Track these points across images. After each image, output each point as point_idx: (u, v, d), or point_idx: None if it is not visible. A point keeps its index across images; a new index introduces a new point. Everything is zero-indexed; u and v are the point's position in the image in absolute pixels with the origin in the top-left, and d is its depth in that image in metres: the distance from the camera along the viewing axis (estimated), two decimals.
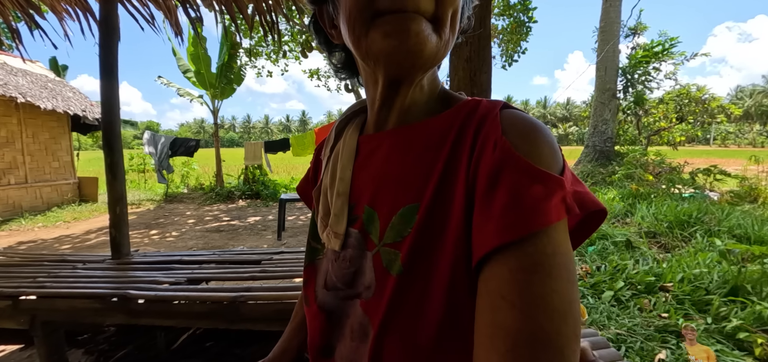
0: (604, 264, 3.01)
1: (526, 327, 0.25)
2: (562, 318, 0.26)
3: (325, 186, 0.45)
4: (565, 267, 0.27)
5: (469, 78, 2.14)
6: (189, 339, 1.82)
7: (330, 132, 0.49)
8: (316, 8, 0.42)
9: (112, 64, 2.12)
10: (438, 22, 0.34)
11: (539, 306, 0.26)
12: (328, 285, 0.42)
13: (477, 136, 0.33)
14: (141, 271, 1.82)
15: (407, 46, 0.32)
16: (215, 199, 8.07)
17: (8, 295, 1.56)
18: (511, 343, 0.25)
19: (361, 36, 0.34)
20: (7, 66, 7.00)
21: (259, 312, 1.45)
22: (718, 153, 26.21)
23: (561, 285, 0.27)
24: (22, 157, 6.80)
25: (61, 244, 4.73)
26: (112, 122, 2.14)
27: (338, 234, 0.41)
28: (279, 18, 2.81)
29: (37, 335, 1.58)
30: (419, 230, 0.33)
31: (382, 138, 0.40)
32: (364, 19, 0.33)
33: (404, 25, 0.32)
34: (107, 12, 2.10)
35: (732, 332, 2.02)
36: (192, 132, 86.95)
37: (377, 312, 0.35)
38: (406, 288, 0.33)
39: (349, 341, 0.39)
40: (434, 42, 0.34)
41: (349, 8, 0.34)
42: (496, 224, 0.28)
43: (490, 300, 0.27)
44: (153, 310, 1.48)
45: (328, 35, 0.42)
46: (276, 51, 9.17)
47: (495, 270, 0.28)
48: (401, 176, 0.37)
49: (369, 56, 0.35)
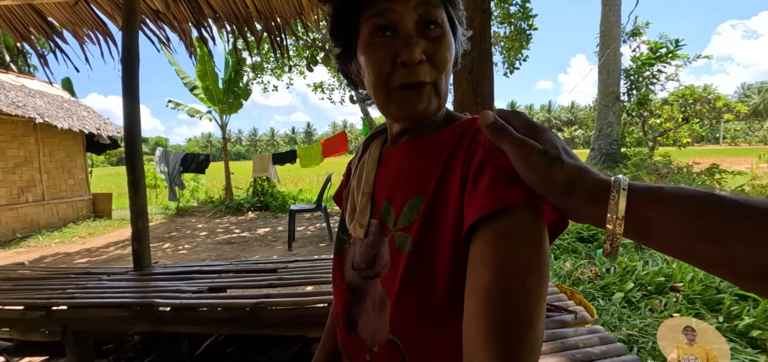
0: (613, 266, 3.02)
1: (496, 282, 0.32)
2: (525, 273, 0.32)
3: (352, 188, 0.56)
4: (531, 236, 0.34)
5: (472, 89, 2.21)
6: (211, 345, 1.89)
7: (358, 147, 0.60)
8: (342, 67, 0.54)
9: (134, 87, 2.24)
10: (436, 86, 0.44)
11: (505, 264, 0.32)
12: (355, 266, 0.51)
13: (472, 142, 0.42)
14: (163, 281, 1.90)
15: (417, 112, 0.44)
16: (225, 212, 8.19)
17: (42, 306, 1.65)
18: (484, 295, 0.32)
19: (384, 104, 0.46)
20: (26, 88, 7.28)
21: (278, 317, 1.51)
22: (727, 152, 25.78)
23: (525, 249, 0.33)
24: (40, 175, 7.02)
25: (81, 258, 4.86)
26: (133, 141, 2.25)
27: (362, 225, 0.50)
28: (287, 36, 2.94)
29: (68, 344, 1.65)
30: (424, 215, 0.42)
31: (398, 148, 0.51)
32: (385, 92, 0.45)
33: (414, 99, 0.44)
34: (129, 38, 2.23)
35: (744, 330, 2.02)
36: (200, 146, 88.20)
37: (393, 285, 0.43)
38: (416, 263, 0.41)
39: (372, 313, 0.47)
40: (436, 103, 0.45)
41: (373, 83, 0.45)
42: (477, 203, 0.35)
43: (473, 264, 0.35)
44: (178, 318, 1.56)
45: (355, 82, 0.54)
46: (280, 67, 9.38)
47: (477, 241, 0.35)
48: (411, 176, 0.47)
49: (391, 117, 0.48)
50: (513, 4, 7.83)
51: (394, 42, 0.43)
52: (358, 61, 0.47)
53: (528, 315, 0.31)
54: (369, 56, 0.44)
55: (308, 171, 11.03)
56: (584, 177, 0.34)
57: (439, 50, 0.43)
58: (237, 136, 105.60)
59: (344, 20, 0.46)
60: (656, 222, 0.31)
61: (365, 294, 0.49)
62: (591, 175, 0.35)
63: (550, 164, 0.34)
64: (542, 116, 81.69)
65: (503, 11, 7.92)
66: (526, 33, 8.17)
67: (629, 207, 0.32)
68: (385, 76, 0.44)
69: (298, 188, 10.81)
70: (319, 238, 5.42)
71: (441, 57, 0.43)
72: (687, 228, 0.30)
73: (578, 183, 0.34)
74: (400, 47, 0.42)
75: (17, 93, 6.74)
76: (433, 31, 0.43)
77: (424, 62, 0.42)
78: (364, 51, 0.45)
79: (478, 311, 0.32)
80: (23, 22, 2.84)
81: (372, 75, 0.44)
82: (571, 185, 0.34)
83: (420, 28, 0.43)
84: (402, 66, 0.42)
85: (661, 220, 0.31)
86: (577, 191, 0.34)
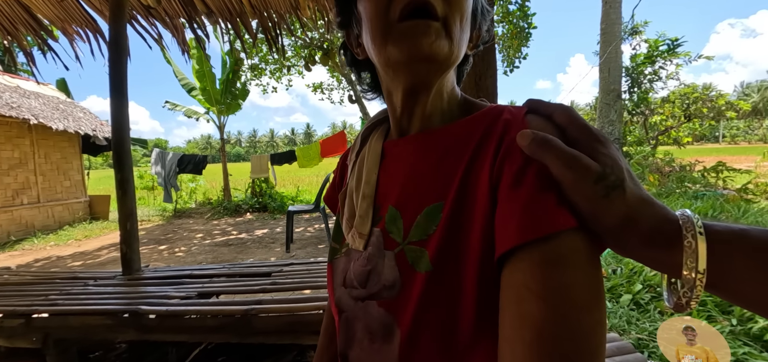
0: (619, 267, 2.94)
1: (551, 316, 0.26)
2: (587, 308, 0.26)
3: (350, 189, 0.46)
4: (589, 260, 0.28)
5: (474, 83, 2.13)
6: (200, 354, 1.80)
7: (356, 139, 0.51)
8: (343, 32, 0.46)
9: (122, 83, 2.16)
10: (447, 25, 0.36)
11: (563, 296, 0.26)
12: (347, 283, 0.43)
13: (502, 139, 0.33)
14: (152, 286, 1.82)
15: (421, 51, 0.35)
16: (223, 213, 8.11)
17: (21, 313, 1.57)
18: (536, 332, 0.26)
19: (381, 48, 0.37)
20: (21, 89, 7.20)
21: (271, 325, 1.43)
22: (728, 150, 25.77)
23: (584, 277, 0.27)
24: (35, 177, 6.94)
25: (75, 261, 4.77)
26: (122, 140, 2.17)
27: (363, 235, 0.42)
28: (283, 32, 2.86)
29: (49, 353, 1.57)
30: (446, 227, 0.34)
31: (407, 142, 0.42)
32: (382, 30, 0.36)
33: (417, 32, 0.34)
34: (116, 32, 2.15)
35: (759, 333, 1.94)
36: (199, 148, 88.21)
37: (405, 310, 0.35)
38: (437, 285, 0.33)
39: (368, 343, 0.38)
40: (446, 46, 0.35)
41: (369, 22, 0.37)
42: (519, 221, 0.28)
43: (516, 291, 0.28)
44: (164, 325, 1.47)
45: (355, 54, 0.45)
46: (279, 68, 9.31)
47: (519, 263, 0.28)
48: (426, 177, 0.38)
49: (389, 65, 0.38)
50: (511, 3, 7.77)
51: None
52: (358, 15, 0.40)
53: (591, 360, 0.25)
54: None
55: (307, 171, 10.96)
56: (646, 208, 0.28)
57: None
58: (236, 138, 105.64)
59: None
60: (742, 274, 0.25)
61: (355, 319, 0.40)
62: (654, 206, 0.28)
63: (609, 193, 0.27)
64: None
65: (502, 9, 7.85)
66: (525, 31, 8.10)
67: (710, 256, 0.25)
68: (383, 7, 0.36)
69: (297, 188, 10.73)
70: (317, 239, 5.34)
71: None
72: None
73: (639, 217, 0.28)
74: None
75: (11, 94, 6.66)
76: None
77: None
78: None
79: (526, 354, 0.26)
80: (10, 18, 2.76)
81: (369, 11, 0.37)
82: (631, 220, 0.28)
83: None
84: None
85: (749, 272, 0.24)
86: (638, 228, 0.27)
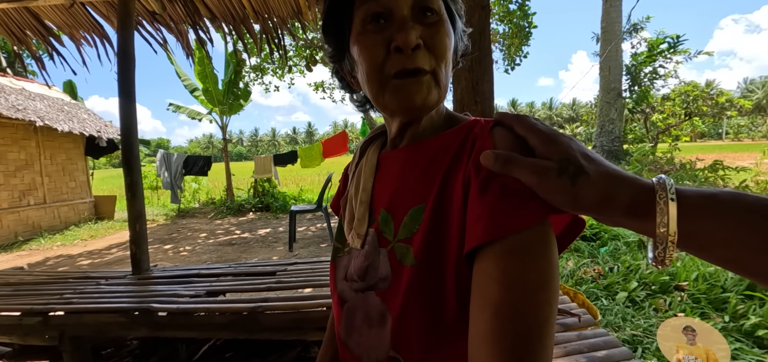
0: (616, 265, 2.99)
1: (507, 296, 0.30)
2: (536, 289, 0.31)
3: (350, 196, 0.53)
4: (542, 249, 0.32)
5: (471, 87, 2.18)
6: (209, 350, 1.87)
7: (355, 151, 0.57)
8: (336, 66, 0.50)
9: (130, 88, 2.22)
10: (436, 76, 0.41)
11: (517, 280, 0.31)
12: (348, 277, 0.49)
13: (473, 148, 0.39)
14: (161, 285, 1.88)
15: (414, 103, 0.41)
16: (226, 213, 8.19)
17: (38, 311, 1.63)
18: (495, 311, 0.30)
19: (377, 95, 0.42)
20: (27, 91, 7.29)
21: (277, 321, 1.49)
22: (731, 147, 25.62)
23: (536, 264, 0.32)
24: (41, 178, 7.04)
25: (83, 260, 4.86)
26: (130, 143, 2.23)
27: (360, 235, 0.48)
28: (284, 35, 2.92)
29: (65, 350, 1.64)
30: (427, 227, 0.39)
31: (397, 154, 0.48)
32: (378, 82, 0.41)
33: (411, 90, 0.40)
34: (124, 40, 2.21)
35: (751, 330, 1.99)
36: (201, 147, 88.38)
37: (395, 300, 0.41)
38: (420, 277, 0.39)
39: (365, 329, 0.45)
40: (436, 94, 0.42)
41: (366, 73, 0.42)
42: (485, 224, 0.33)
43: (481, 278, 0.33)
44: (175, 323, 1.54)
45: (349, 83, 0.50)
46: (282, 67, 9.37)
47: (485, 255, 0.33)
48: (412, 183, 0.44)
49: (386, 109, 0.44)
50: (512, 3, 7.78)
51: (389, 28, 0.40)
52: (351, 56, 0.44)
53: (539, 333, 0.30)
54: (362, 44, 0.41)
55: (309, 171, 11.01)
56: (619, 185, 0.31)
57: (436, 35, 0.40)
58: (238, 137, 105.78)
59: (337, 13, 0.44)
60: (711, 234, 0.28)
61: (355, 310, 0.47)
62: (627, 181, 0.31)
63: (574, 180, 0.31)
64: (544, 113, 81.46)
65: (502, 9, 7.87)
66: (525, 30, 8.12)
67: (681, 218, 0.29)
68: (379, 63, 0.41)
69: (299, 188, 10.80)
70: (320, 239, 5.41)
71: (439, 43, 0.41)
72: (749, 243, 0.26)
73: (614, 194, 0.31)
74: (394, 32, 0.39)
75: (17, 96, 6.75)
76: (429, 17, 0.41)
77: (421, 48, 0.40)
78: (357, 40, 0.42)
79: (487, 330, 0.31)
80: (20, 25, 2.83)
81: (365, 64, 0.42)
82: (606, 198, 0.31)
83: (415, 14, 0.40)
84: (397, 52, 0.39)
85: (717, 232, 0.28)
86: (615, 204, 0.31)
